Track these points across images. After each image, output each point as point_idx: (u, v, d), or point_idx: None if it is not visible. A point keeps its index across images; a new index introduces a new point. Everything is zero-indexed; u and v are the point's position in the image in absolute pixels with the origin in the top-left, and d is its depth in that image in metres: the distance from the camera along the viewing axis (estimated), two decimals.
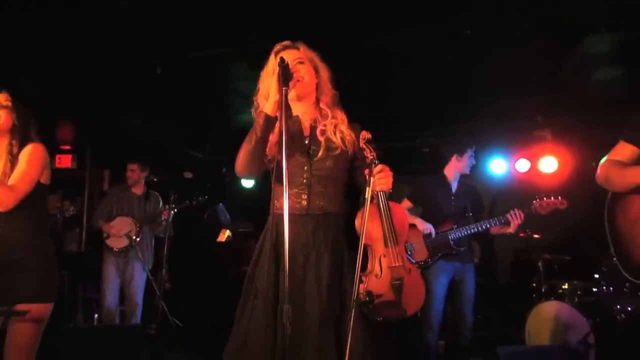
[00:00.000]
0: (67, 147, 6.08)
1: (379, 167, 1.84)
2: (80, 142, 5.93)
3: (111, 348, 3.16)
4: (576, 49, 3.66)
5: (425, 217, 3.87)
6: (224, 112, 5.20)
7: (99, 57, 3.75)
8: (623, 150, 1.96)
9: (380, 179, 1.83)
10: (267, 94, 1.93)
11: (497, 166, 5.51)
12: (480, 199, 4.08)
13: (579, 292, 4.06)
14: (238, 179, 6.77)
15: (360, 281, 1.79)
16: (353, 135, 1.99)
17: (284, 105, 1.72)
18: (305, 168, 1.96)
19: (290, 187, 1.93)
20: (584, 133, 4.86)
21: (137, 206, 4.60)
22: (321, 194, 1.95)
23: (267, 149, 1.93)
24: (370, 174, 1.84)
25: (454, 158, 3.95)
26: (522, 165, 5.36)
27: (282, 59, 1.79)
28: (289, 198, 1.92)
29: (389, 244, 1.87)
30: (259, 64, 2.07)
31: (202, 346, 4.84)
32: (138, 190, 4.69)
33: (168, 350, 4.42)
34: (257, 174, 1.97)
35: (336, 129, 1.98)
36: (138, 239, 4.45)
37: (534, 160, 5.29)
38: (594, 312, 3.76)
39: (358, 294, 1.74)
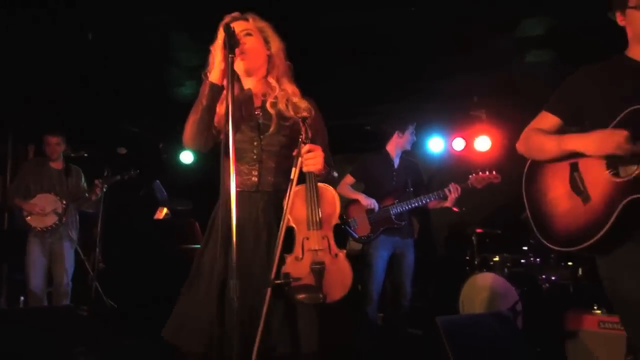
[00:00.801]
0: None
1: (307, 146, 1.78)
2: (0, 116, 5.49)
3: (41, 331, 2.97)
4: (511, 32, 3.79)
5: (368, 193, 3.95)
6: (162, 85, 4.95)
7: (25, 20, 3.43)
8: (545, 120, 1.96)
9: (308, 159, 1.77)
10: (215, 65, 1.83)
11: (435, 145, 5.71)
12: (421, 174, 4.20)
13: (508, 264, 4.32)
14: (176, 155, 6.55)
15: (282, 262, 1.75)
16: (308, 105, 1.92)
17: (231, 72, 1.64)
18: (255, 143, 1.90)
19: (240, 163, 1.88)
20: (516, 113, 5.07)
21: (58, 182, 4.33)
22: (272, 170, 1.89)
23: (216, 122, 1.85)
24: (299, 154, 1.78)
25: (395, 135, 4.03)
26: (459, 144, 5.58)
27: (227, 26, 1.70)
28: (239, 174, 1.87)
29: (312, 227, 1.80)
30: (200, 34, 1.97)
31: (138, 327, 4.69)
32: (58, 165, 4.40)
33: (102, 332, 4.25)
34: (204, 146, 1.88)
35: (288, 102, 1.91)
36: (64, 217, 4.22)
37: (469, 139, 5.51)
38: (522, 281, 4.02)
39: (276, 274, 1.70)
